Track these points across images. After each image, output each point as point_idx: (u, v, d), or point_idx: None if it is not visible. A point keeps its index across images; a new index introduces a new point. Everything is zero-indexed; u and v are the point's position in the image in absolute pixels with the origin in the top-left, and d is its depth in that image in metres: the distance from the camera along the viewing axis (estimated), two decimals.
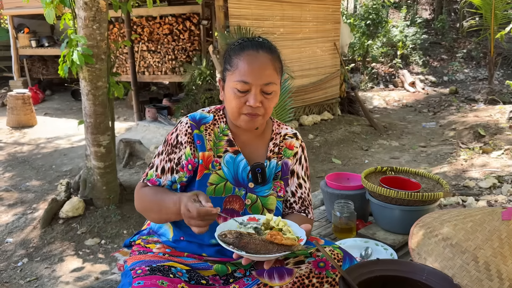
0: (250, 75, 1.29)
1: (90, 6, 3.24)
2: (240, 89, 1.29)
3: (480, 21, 8.28)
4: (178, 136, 1.37)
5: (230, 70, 1.33)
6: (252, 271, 1.33)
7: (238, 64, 1.31)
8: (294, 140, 1.48)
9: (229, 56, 1.36)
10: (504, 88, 9.81)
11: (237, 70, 1.30)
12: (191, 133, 1.36)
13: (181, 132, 1.37)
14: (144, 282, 1.16)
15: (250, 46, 1.33)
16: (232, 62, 1.33)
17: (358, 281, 1.20)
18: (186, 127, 1.37)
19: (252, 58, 1.31)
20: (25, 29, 9.73)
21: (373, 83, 11.65)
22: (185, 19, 8.18)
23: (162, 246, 1.40)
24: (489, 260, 1.41)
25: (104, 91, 3.51)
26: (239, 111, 1.32)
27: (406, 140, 6.46)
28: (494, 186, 4.00)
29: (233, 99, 1.31)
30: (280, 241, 1.17)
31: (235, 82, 1.30)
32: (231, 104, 1.33)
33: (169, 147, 1.38)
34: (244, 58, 1.30)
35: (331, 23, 7.20)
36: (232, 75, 1.32)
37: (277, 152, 1.45)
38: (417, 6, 16.59)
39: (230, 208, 1.35)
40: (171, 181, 1.37)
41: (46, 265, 3.17)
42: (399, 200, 1.88)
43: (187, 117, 1.40)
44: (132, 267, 1.26)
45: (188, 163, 1.35)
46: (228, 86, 1.33)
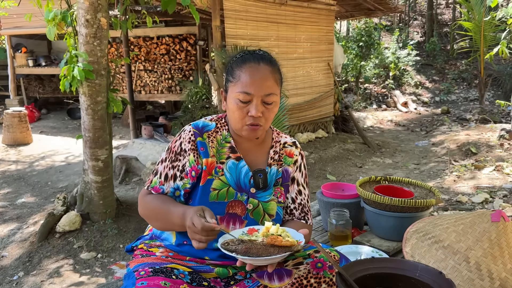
0: (252, 87, 1.34)
1: (91, 23, 3.33)
2: (242, 99, 1.34)
3: (470, 43, 8.50)
4: (182, 144, 1.41)
5: (232, 81, 1.39)
6: (253, 273, 1.36)
7: (241, 76, 1.36)
8: (293, 148, 1.53)
9: (231, 68, 1.41)
10: (495, 108, 10.01)
11: (239, 81, 1.36)
12: (194, 140, 1.41)
13: (184, 139, 1.41)
14: (148, 282, 1.19)
15: (252, 59, 1.39)
16: (235, 73, 1.38)
17: (353, 278, 1.24)
18: (190, 135, 1.41)
19: (254, 70, 1.36)
20: (22, 48, 9.84)
21: (366, 103, 11.82)
22: (182, 39, 8.33)
23: (165, 250, 1.43)
24: (480, 260, 1.46)
25: (103, 106, 3.57)
26: (242, 122, 1.37)
27: (399, 158, 6.55)
28: (486, 201, 4.07)
29: (236, 109, 1.36)
30: (280, 243, 1.22)
31: (238, 93, 1.35)
32: (234, 115, 1.38)
33: (172, 154, 1.42)
34: (246, 70, 1.36)
35: (325, 43, 7.37)
36: (234, 86, 1.37)
37: (277, 160, 1.50)
38: (409, 29, 16.98)
39: (232, 212, 1.38)
40: (174, 188, 1.40)
41: (42, 279, 3.16)
42: (393, 207, 1.94)
43: (190, 125, 1.45)
44: (136, 269, 1.29)
45: (192, 170, 1.39)
46: (230, 97, 1.39)
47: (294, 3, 6.57)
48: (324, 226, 2.30)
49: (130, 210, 4.17)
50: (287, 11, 6.44)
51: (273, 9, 6.19)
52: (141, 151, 6.42)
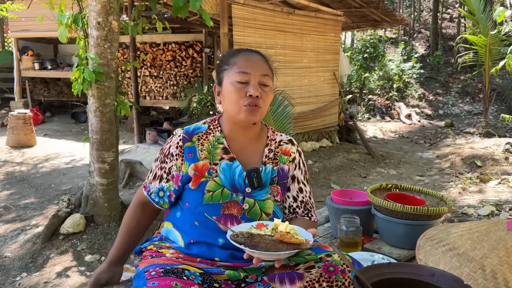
0: (249, 67, 1.37)
1: (103, 26, 3.34)
2: (240, 80, 1.36)
3: (475, 57, 8.53)
4: (170, 148, 1.45)
5: (227, 68, 1.41)
6: (264, 276, 1.35)
7: (236, 61, 1.39)
8: (290, 145, 1.53)
9: (225, 59, 1.44)
10: (499, 122, 10.01)
11: (235, 65, 1.38)
12: (181, 146, 1.42)
13: (173, 144, 1.45)
14: (159, 282, 1.18)
15: (247, 50, 1.45)
16: (229, 61, 1.41)
17: (370, 282, 1.23)
18: (178, 140, 1.44)
19: (249, 55, 1.42)
20: (29, 51, 9.91)
21: (369, 114, 11.84)
22: (188, 46, 8.38)
23: (175, 251, 1.42)
24: (496, 268, 1.45)
25: (111, 108, 3.57)
26: (239, 103, 1.36)
27: (404, 169, 6.53)
28: (492, 214, 4.05)
29: (233, 91, 1.36)
30: (290, 240, 1.21)
31: (235, 74, 1.36)
32: (230, 97, 1.38)
33: (162, 155, 1.47)
34: (241, 55, 1.41)
35: (331, 53, 7.40)
36: (230, 71, 1.39)
37: (272, 158, 1.48)
38: (413, 42, 17.06)
39: (228, 213, 1.38)
40: (158, 188, 1.46)
41: (45, 280, 3.14)
42: (404, 214, 1.92)
43: (182, 129, 1.48)
44: (146, 269, 1.28)
45: (178, 175, 1.42)
46: (226, 83, 1.39)
47: (302, 12, 6.62)
48: (333, 233, 2.29)
49: None
50: (294, 20, 6.48)
51: (281, 18, 6.23)
52: (145, 155, 6.42)
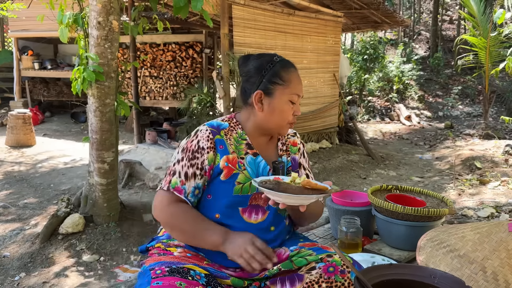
0: (300, 90, 1.50)
1: (103, 25, 3.34)
2: (294, 101, 1.47)
3: (475, 59, 8.53)
4: (200, 142, 1.43)
5: (283, 84, 1.46)
6: (267, 281, 1.37)
7: (291, 80, 1.47)
8: (295, 138, 1.66)
9: (277, 71, 1.47)
10: (498, 124, 10.01)
11: (291, 85, 1.46)
12: (212, 138, 1.44)
13: (202, 138, 1.43)
14: (163, 282, 1.18)
15: (290, 65, 1.51)
16: (284, 77, 1.46)
17: (371, 284, 1.22)
18: (207, 134, 1.44)
19: (297, 75, 1.51)
20: (29, 51, 9.89)
21: (369, 115, 11.84)
22: (188, 47, 8.38)
23: (183, 250, 1.42)
24: (497, 270, 1.44)
25: (111, 108, 3.57)
26: (286, 120, 1.48)
27: (403, 171, 6.53)
28: (492, 216, 4.04)
29: (285, 110, 1.47)
30: (315, 186, 1.30)
31: (292, 95, 1.46)
32: (281, 115, 1.46)
33: (189, 153, 1.43)
34: (293, 75, 1.49)
35: (331, 54, 7.39)
36: (286, 89, 1.46)
37: (285, 150, 1.61)
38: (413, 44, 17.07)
39: (255, 204, 1.44)
40: (194, 187, 1.42)
41: (44, 280, 3.13)
42: (405, 215, 1.92)
43: (205, 125, 1.49)
44: (152, 267, 1.28)
45: (210, 168, 1.43)
46: (281, 99, 1.46)
47: (302, 13, 6.61)
48: (334, 234, 2.28)
49: (134, 214, 4.15)
50: (294, 21, 6.47)
51: (281, 18, 6.22)
52: (145, 156, 6.41)
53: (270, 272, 1.35)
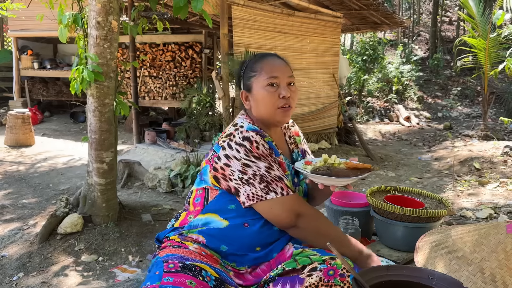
0: (277, 71, 1.46)
1: (102, 25, 3.34)
2: (271, 82, 1.44)
3: (474, 60, 8.54)
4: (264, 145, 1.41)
5: (255, 74, 1.47)
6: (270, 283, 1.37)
7: (263, 66, 1.46)
8: (295, 127, 1.72)
9: (250, 66, 1.50)
10: (497, 125, 10.02)
11: (263, 71, 1.45)
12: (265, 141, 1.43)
13: (261, 142, 1.40)
14: (174, 279, 1.20)
15: (269, 55, 1.52)
16: (256, 67, 1.47)
17: (369, 285, 1.22)
18: (259, 138, 1.41)
19: (274, 60, 1.51)
20: (28, 51, 9.88)
21: (368, 116, 11.85)
22: (188, 47, 8.38)
23: (199, 247, 1.41)
24: (495, 271, 1.44)
25: (110, 108, 3.57)
26: (274, 105, 1.45)
27: (402, 172, 6.53)
28: (491, 217, 4.04)
29: (266, 96, 1.44)
30: (363, 166, 1.40)
31: (266, 79, 1.44)
32: (264, 101, 1.45)
33: (269, 158, 1.41)
34: (267, 61, 1.48)
35: (330, 55, 7.40)
36: (259, 77, 1.46)
37: (293, 142, 1.65)
38: (413, 45, 17.08)
39: None
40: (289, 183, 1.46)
41: (42, 280, 3.13)
42: (404, 216, 1.92)
43: (248, 131, 1.41)
44: (165, 259, 1.30)
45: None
46: (257, 88, 1.46)
47: (302, 14, 6.62)
48: None
49: (132, 214, 4.14)
50: (294, 22, 6.48)
51: (280, 19, 6.23)
52: (144, 156, 6.41)
53: (275, 273, 1.36)
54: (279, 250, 1.47)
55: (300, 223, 1.39)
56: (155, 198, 4.92)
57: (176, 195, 5.06)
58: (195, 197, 1.51)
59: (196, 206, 1.49)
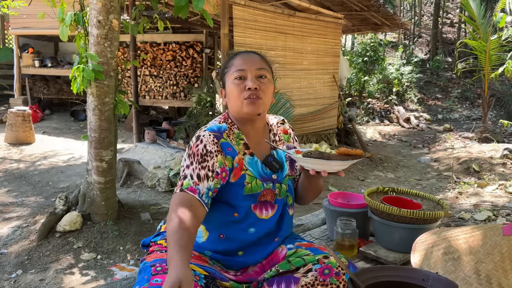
0: (244, 64, 1.47)
1: (103, 24, 3.35)
2: (237, 75, 1.45)
3: (474, 62, 8.54)
4: (207, 146, 1.40)
5: (227, 71, 1.50)
6: (264, 282, 1.38)
7: (233, 62, 1.49)
8: (285, 125, 1.68)
9: (226, 63, 1.54)
10: (497, 128, 10.03)
11: (233, 65, 1.48)
12: (217, 142, 1.42)
13: (208, 142, 1.40)
14: (162, 280, 1.19)
15: (244, 52, 1.56)
16: (228, 64, 1.51)
17: (364, 285, 1.23)
18: (212, 138, 1.41)
19: (244, 54, 1.52)
20: (29, 49, 9.88)
21: (368, 117, 11.85)
22: (189, 46, 8.38)
23: None
24: (491, 273, 1.45)
25: (110, 107, 3.58)
26: (240, 97, 1.44)
27: (402, 173, 6.54)
28: (489, 219, 4.05)
29: (233, 88, 1.45)
30: (354, 152, 1.39)
31: (233, 73, 1.47)
32: (232, 94, 1.46)
33: (198, 157, 1.39)
34: (238, 56, 1.51)
35: (331, 56, 7.41)
36: (229, 72, 1.49)
37: (278, 140, 1.62)
38: (413, 46, 17.08)
39: (263, 200, 1.47)
40: (207, 189, 1.35)
41: (41, 277, 3.14)
42: (401, 217, 1.92)
43: (205, 130, 1.44)
44: (153, 264, 1.30)
45: (222, 171, 1.40)
46: (228, 83, 1.49)
47: (302, 15, 6.63)
48: (330, 235, 2.29)
49: (131, 213, 4.15)
50: (295, 23, 6.48)
51: (281, 19, 6.23)
52: (143, 155, 6.42)
53: (269, 274, 1.37)
54: (266, 253, 1.47)
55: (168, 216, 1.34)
56: (154, 197, 4.93)
57: None
58: None
59: None
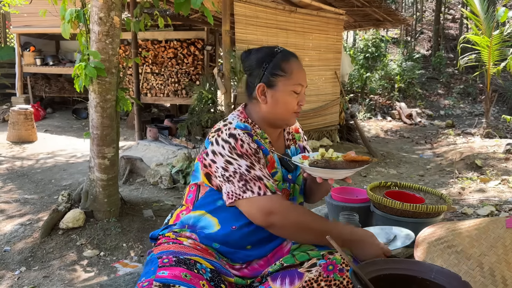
0: (303, 79, 1.49)
1: (104, 21, 3.35)
2: (298, 91, 1.47)
3: (477, 57, 8.51)
4: (250, 145, 1.39)
5: (284, 75, 1.45)
6: (268, 277, 1.37)
7: (292, 70, 1.46)
8: (296, 124, 1.69)
9: (277, 63, 1.46)
10: (500, 123, 10.00)
11: (293, 75, 1.46)
12: (252, 140, 1.42)
13: (247, 140, 1.39)
14: (168, 272, 1.21)
15: (292, 55, 1.51)
16: (285, 68, 1.46)
17: (368, 278, 1.23)
18: (246, 136, 1.39)
19: (299, 65, 1.50)
20: (31, 47, 9.89)
21: (371, 114, 11.83)
22: (190, 44, 8.38)
23: (193, 242, 1.42)
24: (494, 266, 1.45)
25: (112, 104, 3.58)
26: (291, 110, 1.48)
27: (404, 169, 6.53)
28: (492, 214, 4.04)
29: (289, 100, 1.46)
30: (361, 158, 1.37)
31: (295, 85, 1.46)
32: (287, 105, 1.47)
33: (253, 156, 1.38)
34: (295, 65, 1.48)
35: (333, 52, 7.39)
36: (288, 80, 1.45)
37: (291, 139, 1.65)
38: (415, 42, 17.03)
39: None
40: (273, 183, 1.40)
41: (44, 274, 3.15)
42: (404, 212, 1.92)
43: (235, 128, 1.40)
44: (160, 255, 1.30)
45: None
46: (283, 90, 1.46)
47: (304, 11, 6.61)
48: None
49: (134, 210, 4.16)
50: (296, 19, 6.47)
51: (283, 16, 6.22)
52: (146, 152, 6.43)
53: (273, 268, 1.36)
54: (273, 247, 1.47)
55: (275, 221, 1.34)
56: (157, 194, 4.93)
57: (177, 191, 5.08)
58: (188, 193, 1.52)
59: (188, 203, 1.51)
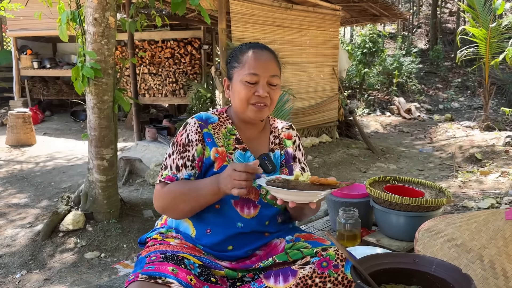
0: (258, 68, 1.42)
1: (99, 22, 3.33)
2: (249, 81, 1.41)
3: (475, 50, 8.49)
4: (189, 135, 1.43)
5: (238, 66, 1.45)
6: (260, 274, 1.36)
7: (247, 60, 1.43)
8: (291, 130, 1.62)
9: (236, 55, 1.48)
10: (499, 116, 9.99)
11: (246, 64, 1.43)
12: (200, 132, 1.43)
13: (191, 131, 1.43)
14: (155, 267, 1.21)
15: (256, 46, 1.48)
16: (240, 59, 1.45)
17: (367, 273, 1.22)
18: (196, 127, 1.44)
19: (259, 54, 1.45)
20: (27, 50, 9.87)
21: (369, 109, 11.83)
22: (187, 43, 8.36)
23: (180, 241, 1.43)
24: (494, 258, 1.44)
25: (109, 105, 3.57)
26: (247, 101, 1.42)
27: (404, 164, 6.52)
28: (492, 206, 4.04)
29: (242, 90, 1.42)
30: (325, 181, 1.23)
31: (245, 75, 1.42)
32: (240, 96, 1.43)
33: (180, 147, 1.43)
34: (252, 54, 1.44)
35: (330, 48, 7.38)
36: (241, 70, 1.43)
37: (278, 143, 1.56)
38: (413, 37, 17.01)
39: (246, 198, 1.42)
40: (186, 177, 1.40)
41: (45, 277, 3.14)
42: (403, 206, 1.92)
43: (193, 118, 1.47)
44: (148, 255, 1.30)
45: (199, 160, 1.42)
46: (237, 81, 1.44)
47: (300, 7, 6.59)
48: (332, 226, 2.28)
49: (134, 210, 4.15)
50: (293, 16, 6.45)
51: (279, 13, 6.20)
52: (145, 153, 6.41)
53: (265, 264, 1.35)
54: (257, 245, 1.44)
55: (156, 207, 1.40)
56: None
57: None
58: None
59: None
